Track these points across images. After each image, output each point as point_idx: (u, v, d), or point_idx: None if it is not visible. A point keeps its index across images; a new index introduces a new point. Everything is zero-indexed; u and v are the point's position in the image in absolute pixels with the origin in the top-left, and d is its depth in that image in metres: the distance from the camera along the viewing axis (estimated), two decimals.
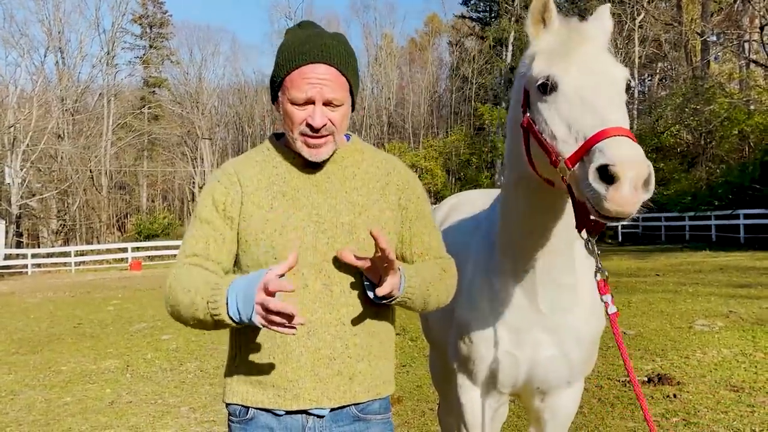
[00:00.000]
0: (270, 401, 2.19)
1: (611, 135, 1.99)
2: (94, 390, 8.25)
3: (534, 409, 3.15)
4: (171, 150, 68.34)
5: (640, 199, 1.92)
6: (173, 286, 2.15)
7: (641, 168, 1.89)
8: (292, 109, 2.18)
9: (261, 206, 2.22)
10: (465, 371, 3.05)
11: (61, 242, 51.60)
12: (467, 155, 57.64)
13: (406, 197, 2.37)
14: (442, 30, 76.19)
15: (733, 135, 35.01)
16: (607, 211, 1.93)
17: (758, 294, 12.99)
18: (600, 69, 2.21)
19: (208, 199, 2.27)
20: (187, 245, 2.25)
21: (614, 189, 1.88)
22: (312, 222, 2.20)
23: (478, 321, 2.92)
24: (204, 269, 2.19)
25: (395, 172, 2.39)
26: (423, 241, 2.39)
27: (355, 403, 2.24)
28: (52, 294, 22.80)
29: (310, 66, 2.17)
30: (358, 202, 2.26)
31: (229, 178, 2.28)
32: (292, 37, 2.26)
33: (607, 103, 2.12)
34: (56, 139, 53.27)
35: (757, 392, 6.58)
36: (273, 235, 2.18)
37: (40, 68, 55.37)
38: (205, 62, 72.24)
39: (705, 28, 38.97)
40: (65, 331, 13.39)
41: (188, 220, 22.89)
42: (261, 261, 2.18)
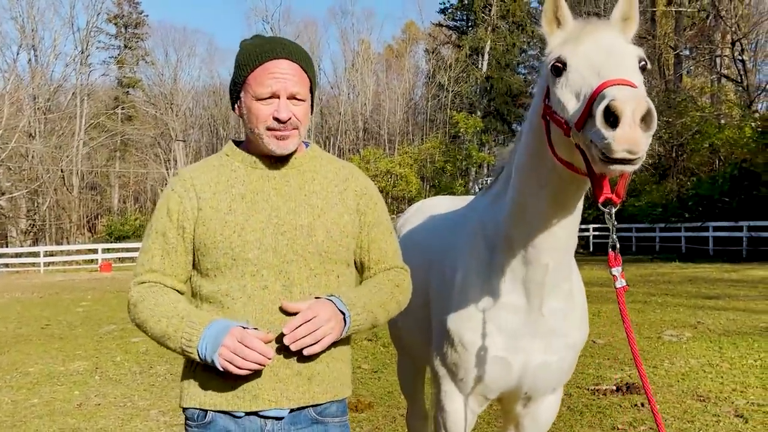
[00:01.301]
0: (229, 403, 2.20)
1: (613, 84, 2.05)
2: (62, 392, 8.16)
3: (514, 414, 3.12)
4: (144, 151, 67.76)
5: (645, 136, 1.96)
6: (139, 307, 2.23)
7: (640, 103, 1.94)
8: (257, 105, 2.22)
9: (219, 209, 2.24)
10: (452, 378, 2.99)
11: (30, 242, 50.89)
12: (442, 163, 57.82)
13: (365, 203, 2.42)
14: (419, 37, 76.39)
15: (704, 148, 35.50)
16: (616, 152, 1.97)
17: (726, 305, 13.19)
18: (609, 45, 2.26)
19: (164, 209, 2.31)
20: (146, 258, 2.31)
21: (620, 128, 1.94)
22: (271, 224, 2.22)
23: (473, 328, 2.84)
24: (166, 289, 2.27)
25: (353, 179, 2.44)
26: (381, 248, 2.44)
27: (313, 404, 2.26)
28: (19, 294, 22.51)
29: (273, 62, 2.23)
30: (317, 205, 2.30)
31: (183, 185, 2.30)
32: (250, 43, 2.32)
33: (614, 66, 2.16)
34: (27, 137, 52.57)
35: (722, 402, 6.68)
36: (232, 237, 2.20)
37: (13, 66, 54.71)
38: (180, 63, 71.81)
39: (678, 42, 39.57)
40: (33, 332, 13.24)
41: None
42: (220, 263, 2.21)
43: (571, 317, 2.85)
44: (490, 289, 2.81)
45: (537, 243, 2.56)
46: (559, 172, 2.40)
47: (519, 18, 61.72)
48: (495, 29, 61.70)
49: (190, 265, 2.30)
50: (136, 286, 2.28)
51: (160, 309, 2.18)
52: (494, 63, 61.96)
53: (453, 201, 3.99)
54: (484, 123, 59.82)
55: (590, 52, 2.24)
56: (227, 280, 2.21)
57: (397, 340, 4.07)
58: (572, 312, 2.86)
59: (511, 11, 61.54)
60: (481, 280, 2.84)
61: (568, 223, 2.58)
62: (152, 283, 2.27)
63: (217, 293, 2.21)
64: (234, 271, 2.19)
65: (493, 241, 2.81)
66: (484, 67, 62.10)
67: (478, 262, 2.87)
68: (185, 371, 2.32)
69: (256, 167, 2.31)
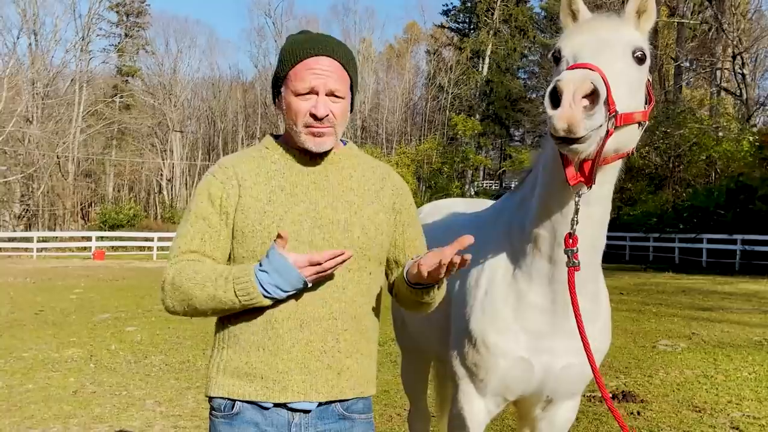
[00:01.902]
0: (257, 393, 2.19)
1: (573, 68, 2.12)
2: (57, 378, 8.13)
3: (531, 417, 3.08)
4: (140, 140, 67.62)
5: (586, 116, 2.04)
6: (179, 282, 2.18)
7: (582, 84, 2.01)
8: (296, 101, 2.23)
9: (259, 199, 2.23)
10: (471, 379, 2.95)
11: (22, 227, 50.79)
12: (439, 164, 57.90)
13: (400, 202, 2.44)
14: (420, 38, 76.46)
15: (701, 160, 35.62)
16: (555, 130, 2.06)
17: (720, 318, 13.24)
18: (599, 34, 2.31)
19: (204, 194, 2.28)
20: (183, 241, 2.26)
21: (559, 108, 2.03)
22: (309, 217, 2.23)
23: (498, 329, 2.81)
24: (201, 261, 2.23)
25: (390, 178, 2.46)
26: (416, 247, 2.46)
27: (341, 399, 2.25)
28: (12, 279, 22.45)
29: (314, 58, 2.24)
30: (354, 202, 2.30)
31: (225, 172, 2.29)
32: (295, 38, 2.33)
33: (590, 52, 2.23)
34: (24, 122, 52.48)
35: (718, 413, 6.70)
36: (270, 227, 2.20)
37: (13, 50, 54.62)
38: (180, 54, 71.80)
39: (679, 53, 39.68)
40: (26, 318, 13.21)
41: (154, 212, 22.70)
42: (257, 252, 2.20)
43: (596, 321, 2.81)
44: (515, 289, 2.78)
45: (563, 242, 2.53)
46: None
47: (521, 23, 61.88)
48: (497, 33, 61.83)
49: (228, 251, 2.29)
50: (171, 267, 2.23)
51: (201, 275, 2.16)
52: (495, 67, 62.09)
53: (468, 203, 3.99)
54: (482, 126, 59.95)
55: (579, 41, 2.31)
56: None
57: (407, 341, 4.04)
58: (597, 315, 2.83)
59: (514, 16, 61.69)
60: (507, 281, 2.82)
61: (594, 223, 2.58)
62: (188, 261, 2.23)
63: None
64: None
65: (519, 241, 2.78)
66: (485, 71, 62.22)
67: (505, 263, 2.85)
68: (214, 360, 2.30)
69: (295, 161, 2.32)
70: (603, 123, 2.12)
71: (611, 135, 2.17)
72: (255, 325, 2.20)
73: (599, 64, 2.17)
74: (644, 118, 2.36)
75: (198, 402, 7.08)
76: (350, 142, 2.50)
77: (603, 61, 2.20)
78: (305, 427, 2.22)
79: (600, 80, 2.09)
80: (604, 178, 2.48)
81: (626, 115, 2.21)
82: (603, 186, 2.51)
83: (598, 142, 2.17)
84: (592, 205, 2.52)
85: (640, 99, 2.35)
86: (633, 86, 2.30)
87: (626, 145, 2.37)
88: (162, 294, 2.25)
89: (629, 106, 2.25)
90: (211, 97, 74.06)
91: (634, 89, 2.31)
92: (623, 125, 2.22)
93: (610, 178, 2.54)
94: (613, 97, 2.12)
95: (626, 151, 2.40)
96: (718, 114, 37.69)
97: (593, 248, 2.66)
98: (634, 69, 2.32)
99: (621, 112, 2.17)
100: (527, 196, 2.76)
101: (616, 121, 2.16)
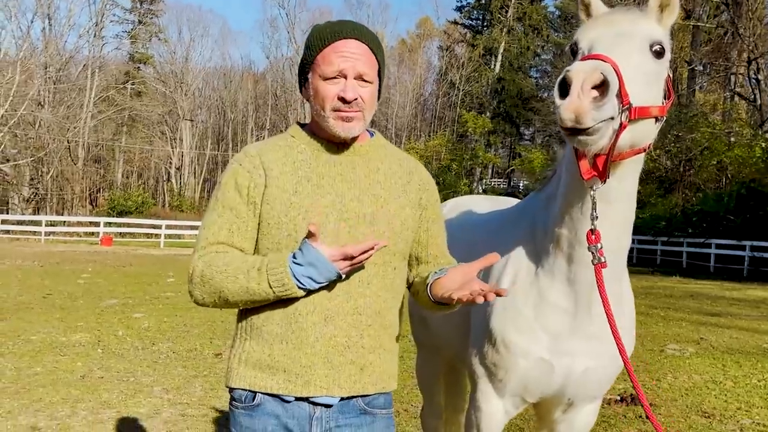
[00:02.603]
0: (279, 386, 2.17)
1: (586, 59, 2.11)
2: (64, 362, 8.15)
3: (551, 419, 3.04)
4: (151, 128, 67.77)
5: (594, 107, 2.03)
6: (209, 275, 2.15)
7: (591, 74, 2.00)
8: (324, 85, 2.19)
9: (285, 190, 2.19)
10: (490, 379, 2.91)
11: (31, 210, 50.99)
12: (448, 161, 57.81)
13: (427, 198, 2.40)
14: (433, 34, 76.32)
15: (712, 165, 35.48)
16: (562, 120, 2.05)
17: (728, 323, 13.17)
18: (617, 26, 2.29)
19: (231, 183, 2.23)
20: (210, 232, 2.22)
21: (567, 98, 2.02)
22: (335, 210, 2.19)
23: (518, 328, 2.77)
24: (229, 252, 2.20)
25: (417, 172, 2.41)
26: (438, 244, 2.44)
27: (363, 394, 2.24)
28: (20, 262, 22.53)
29: (343, 41, 2.20)
30: (380, 195, 2.27)
31: (252, 161, 2.24)
32: (322, 25, 2.29)
33: (606, 44, 2.22)
34: (36, 106, 52.58)
35: (728, 420, 6.66)
36: (296, 219, 2.16)
37: (26, 33, 54.73)
38: (193, 43, 71.92)
39: (694, 57, 39.50)
40: (34, 301, 13.25)
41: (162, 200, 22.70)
42: (282, 244, 2.17)
43: (620, 323, 2.77)
44: (538, 289, 2.75)
45: (584, 240, 2.49)
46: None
47: (535, 21, 61.73)
48: (510, 31, 61.71)
49: (255, 241, 2.25)
50: (199, 259, 2.19)
51: (232, 267, 2.12)
52: (507, 65, 61.96)
53: (490, 201, 3.96)
54: (492, 124, 59.88)
55: (596, 33, 2.30)
56: None
57: (425, 338, 4.01)
58: (621, 317, 2.73)
59: (528, 14, 61.52)
60: (529, 281, 2.78)
61: (616, 221, 2.53)
62: (216, 252, 2.20)
63: None
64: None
65: (543, 241, 2.74)
66: (497, 68, 62.09)
67: (528, 262, 2.81)
68: (235, 351, 2.27)
69: (322, 151, 2.28)
70: (615, 115, 2.10)
71: (625, 128, 2.15)
72: (278, 318, 2.17)
73: (614, 55, 2.15)
74: (661, 113, 2.32)
75: (205, 390, 7.08)
76: (377, 133, 2.46)
77: (618, 54, 2.17)
78: (326, 421, 2.21)
79: (611, 71, 2.07)
80: (624, 173, 2.45)
81: (642, 108, 2.18)
82: (623, 182, 2.48)
83: (611, 135, 2.14)
84: (612, 203, 2.48)
85: (657, 93, 2.32)
86: (650, 80, 2.27)
87: (643, 140, 2.33)
88: (191, 286, 2.21)
89: (646, 100, 2.22)
90: (222, 87, 74.18)
91: (651, 83, 2.27)
92: (638, 119, 2.19)
93: (631, 173, 2.50)
94: (626, 89, 2.10)
95: (643, 146, 2.36)
96: (731, 119, 37.54)
97: (619, 248, 2.63)
98: (652, 62, 2.29)
99: (636, 106, 2.15)
100: (552, 195, 2.73)
101: (631, 114, 2.13)
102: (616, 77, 2.06)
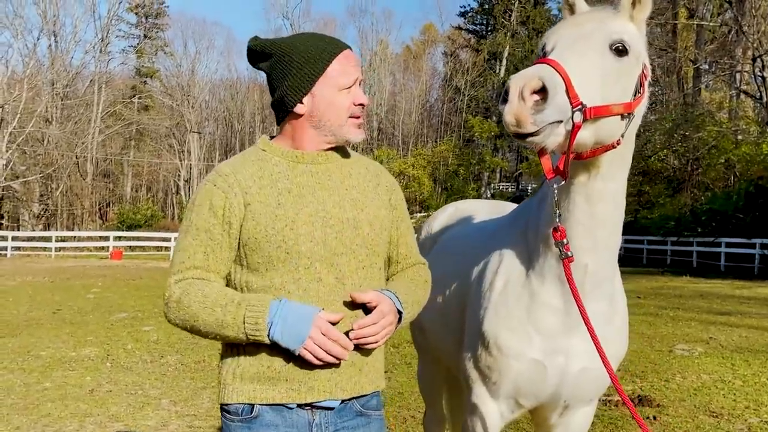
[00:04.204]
0: (282, 396, 2.18)
1: (535, 63, 2.17)
2: (73, 377, 8.19)
3: (548, 425, 3.03)
4: (158, 141, 68.08)
5: (532, 110, 2.09)
6: (185, 302, 2.15)
7: (529, 80, 2.07)
8: (340, 96, 2.26)
9: (268, 204, 2.21)
10: (484, 382, 2.92)
11: (41, 227, 51.21)
12: (455, 166, 57.87)
13: (395, 198, 2.47)
14: (437, 40, 76.44)
15: (720, 163, 35.36)
16: (505, 125, 2.15)
17: (738, 322, 13.12)
18: (579, 27, 2.34)
19: (205, 205, 2.23)
20: (186, 255, 2.22)
21: (507, 104, 2.10)
22: (319, 217, 2.22)
23: (510, 328, 2.78)
24: (210, 282, 2.21)
25: (383, 175, 2.49)
26: (407, 244, 2.50)
27: (360, 395, 2.28)
28: (31, 278, 22.64)
29: (347, 51, 2.30)
30: (358, 199, 2.32)
31: (226, 180, 2.24)
32: (308, 39, 2.32)
33: (560, 46, 2.27)
34: (44, 122, 52.94)
35: (736, 419, 6.64)
36: (284, 231, 2.18)
37: (33, 50, 55.10)
38: (198, 55, 72.25)
39: (698, 55, 39.39)
40: (44, 316, 13.31)
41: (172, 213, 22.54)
42: (273, 257, 2.18)
43: (611, 322, 2.78)
44: (529, 289, 2.76)
45: (574, 242, 2.51)
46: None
47: (539, 24, 61.68)
48: (514, 35, 61.74)
49: (231, 261, 2.26)
50: (176, 283, 2.19)
51: (210, 299, 2.13)
52: (512, 69, 61.82)
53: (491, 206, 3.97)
54: (499, 128, 59.78)
55: (559, 35, 2.35)
56: (280, 274, 2.18)
57: (424, 344, 4.03)
58: (613, 317, 2.79)
59: (531, 17, 61.56)
60: (521, 282, 2.79)
61: (600, 222, 2.55)
62: (194, 279, 2.20)
63: (270, 288, 2.19)
64: (288, 265, 2.18)
65: (534, 241, 2.76)
66: (502, 72, 62.09)
67: (520, 264, 2.83)
68: (229, 366, 2.26)
69: (297, 162, 2.31)
70: (562, 118, 2.14)
71: (580, 128, 2.17)
72: None
73: (566, 57, 2.21)
74: (627, 109, 2.33)
75: (213, 402, 7.10)
76: None
77: (571, 54, 2.23)
78: (326, 426, 2.23)
79: (554, 76, 2.12)
80: (607, 174, 2.47)
81: (599, 108, 2.21)
82: (608, 183, 2.49)
83: (564, 135, 2.18)
84: (594, 203, 2.50)
85: (621, 91, 2.32)
86: (610, 79, 2.28)
87: (609, 136, 2.34)
88: (166, 309, 2.21)
89: (605, 99, 2.24)
90: (229, 99, 74.47)
91: (612, 82, 2.29)
92: (597, 118, 2.22)
93: (616, 175, 2.52)
94: (576, 90, 2.14)
95: (610, 142, 2.36)
96: (738, 117, 37.40)
97: (606, 248, 2.63)
98: (613, 61, 2.30)
99: (590, 106, 2.18)
100: (543, 197, 2.75)
101: (585, 114, 2.17)
102: (560, 80, 2.11)
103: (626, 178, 2.60)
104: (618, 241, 2.69)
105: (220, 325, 2.11)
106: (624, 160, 2.53)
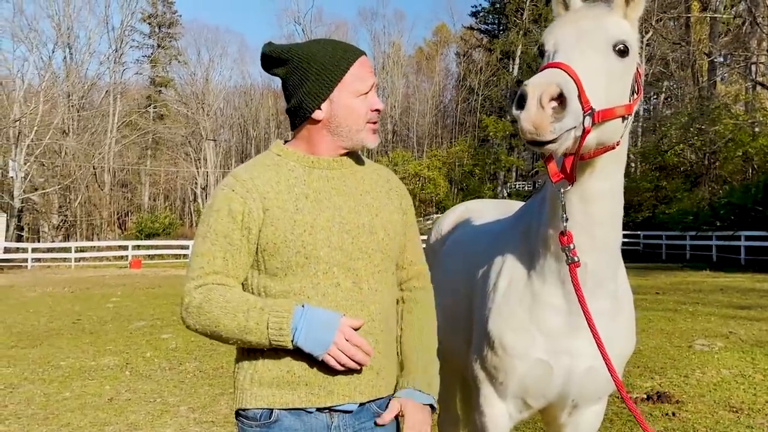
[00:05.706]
0: (302, 400, 2.18)
1: (546, 67, 2.14)
2: (93, 386, 8.25)
3: (558, 424, 3.02)
4: (175, 150, 68.45)
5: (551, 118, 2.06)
6: (206, 307, 2.16)
7: (548, 87, 2.03)
8: (358, 101, 2.29)
9: (286, 209, 2.21)
10: (491, 382, 2.91)
11: (61, 238, 51.60)
12: (470, 166, 57.73)
13: (405, 203, 2.49)
14: (450, 40, 76.37)
15: (737, 156, 35.04)
16: (522, 132, 2.10)
17: (758, 316, 12.99)
18: (580, 26, 2.32)
19: (224, 209, 2.23)
20: (205, 260, 2.22)
21: (524, 110, 2.07)
22: (336, 223, 2.23)
23: (514, 328, 2.78)
24: (231, 287, 2.22)
25: (393, 179, 2.51)
26: (414, 249, 2.51)
27: (378, 398, 2.29)
28: (51, 289, 22.81)
29: (363, 57, 2.33)
30: (372, 204, 2.34)
31: (244, 185, 2.24)
32: (318, 48, 2.32)
33: (565, 48, 2.24)
34: (61, 134, 53.37)
35: (756, 414, 6.58)
36: (303, 236, 2.19)
37: (48, 63, 55.53)
38: (212, 63, 72.54)
39: (712, 48, 39.06)
40: (64, 327, 13.41)
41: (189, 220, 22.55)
42: (292, 262, 2.19)
43: (616, 320, 2.76)
44: (531, 290, 2.75)
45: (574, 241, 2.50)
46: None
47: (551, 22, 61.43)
48: (527, 33, 61.44)
49: (249, 266, 2.27)
50: (196, 289, 2.20)
51: (232, 304, 2.13)
52: (525, 67, 61.68)
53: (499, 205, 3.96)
54: (513, 127, 59.59)
55: (560, 34, 2.32)
56: (299, 279, 2.19)
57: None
58: (618, 314, 2.77)
59: (543, 15, 61.22)
60: (524, 282, 2.79)
61: (597, 221, 2.53)
62: (214, 284, 2.21)
63: (290, 292, 2.19)
64: (306, 270, 2.19)
65: (535, 242, 2.75)
66: (515, 71, 61.90)
67: (522, 264, 2.82)
68: (245, 371, 2.26)
69: (313, 167, 2.32)
70: (576, 124, 2.12)
71: (589, 132, 2.17)
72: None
73: (574, 60, 2.19)
74: (628, 111, 2.33)
75: (231, 408, 7.12)
76: None
77: (579, 57, 2.21)
78: (344, 428, 2.24)
79: (569, 82, 2.09)
80: (603, 174, 2.46)
81: (605, 111, 2.21)
82: (603, 182, 2.48)
83: (575, 140, 2.16)
84: (591, 203, 2.49)
85: (622, 92, 2.32)
86: (614, 80, 2.27)
87: (610, 138, 2.34)
88: (185, 314, 2.21)
89: (610, 101, 2.24)
90: (243, 106, 74.77)
91: (615, 83, 2.28)
92: (603, 121, 2.21)
93: (611, 174, 2.50)
94: (587, 95, 2.12)
95: (611, 143, 2.37)
96: (754, 109, 37.03)
97: (605, 247, 2.62)
98: (616, 63, 2.29)
99: (599, 109, 2.17)
100: (544, 197, 2.74)
101: (594, 118, 2.15)
102: (574, 86, 2.09)
103: (622, 176, 2.59)
104: (618, 239, 2.67)
105: (242, 331, 2.12)
106: (620, 159, 2.52)
